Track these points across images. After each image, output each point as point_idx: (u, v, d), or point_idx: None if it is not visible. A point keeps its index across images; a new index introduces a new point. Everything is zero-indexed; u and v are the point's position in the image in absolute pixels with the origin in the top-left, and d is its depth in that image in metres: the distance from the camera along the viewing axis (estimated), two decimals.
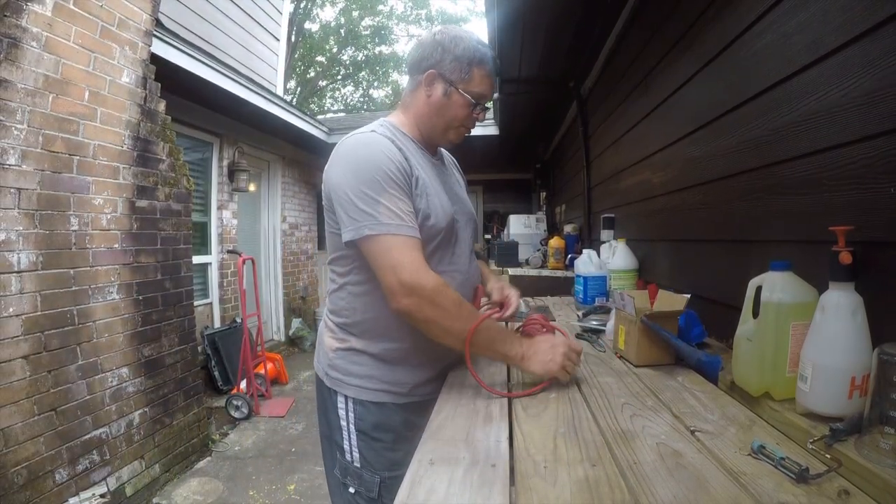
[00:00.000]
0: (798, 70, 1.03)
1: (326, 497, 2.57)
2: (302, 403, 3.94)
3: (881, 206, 0.81)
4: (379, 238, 0.95)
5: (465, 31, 1.11)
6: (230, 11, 5.04)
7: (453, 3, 22.45)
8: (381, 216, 0.95)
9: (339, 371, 1.12)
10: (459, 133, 1.14)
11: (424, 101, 1.10)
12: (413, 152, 1.08)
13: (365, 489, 1.08)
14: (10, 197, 1.93)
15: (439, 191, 1.09)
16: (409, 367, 1.10)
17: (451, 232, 1.10)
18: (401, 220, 0.96)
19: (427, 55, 1.08)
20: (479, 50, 1.07)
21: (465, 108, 1.09)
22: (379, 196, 0.96)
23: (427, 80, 1.08)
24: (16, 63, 1.92)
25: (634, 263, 2.03)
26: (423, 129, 1.14)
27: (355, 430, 1.10)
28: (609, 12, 2.45)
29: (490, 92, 1.12)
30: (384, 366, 1.09)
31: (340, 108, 16.98)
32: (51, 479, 2.03)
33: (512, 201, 7.40)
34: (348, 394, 1.10)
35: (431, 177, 1.10)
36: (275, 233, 5.52)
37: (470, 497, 0.60)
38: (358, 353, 1.10)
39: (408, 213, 0.98)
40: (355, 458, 1.10)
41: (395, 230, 0.95)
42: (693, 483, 0.61)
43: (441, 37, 1.08)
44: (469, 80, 1.07)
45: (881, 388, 0.62)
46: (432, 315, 0.95)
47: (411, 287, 0.93)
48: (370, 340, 1.09)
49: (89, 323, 2.26)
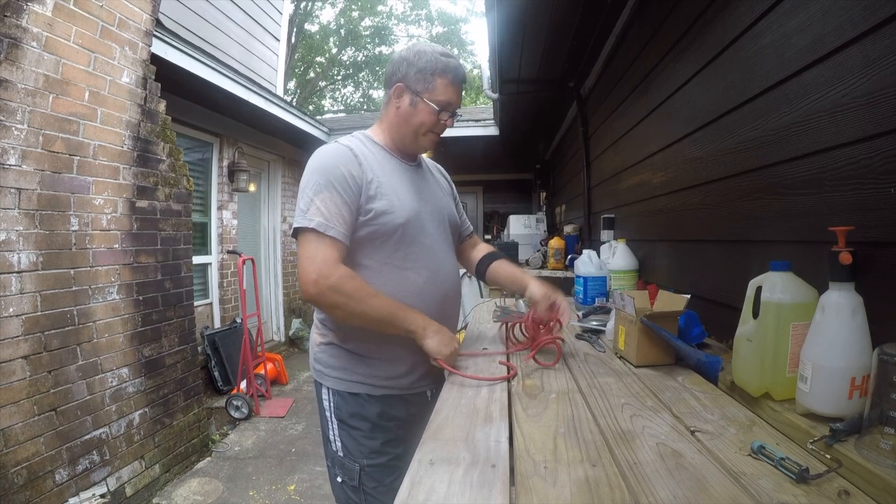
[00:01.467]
0: (798, 70, 1.03)
1: (326, 497, 2.59)
2: (302, 404, 3.94)
3: (881, 206, 0.81)
4: (303, 232, 1.07)
5: (430, 45, 1.21)
6: (230, 11, 5.05)
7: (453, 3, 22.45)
8: (310, 213, 1.06)
9: (321, 364, 1.22)
10: (430, 139, 1.22)
11: (395, 111, 1.20)
12: (378, 158, 1.19)
13: (348, 478, 1.17)
14: (11, 197, 1.93)
15: (401, 190, 1.18)
16: (381, 360, 1.18)
17: (414, 228, 1.16)
18: (326, 219, 1.06)
19: (395, 70, 1.18)
20: (440, 61, 1.16)
21: (430, 116, 1.18)
22: (315, 196, 1.07)
23: (396, 93, 1.19)
24: (16, 63, 1.93)
25: (634, 264, 2.03)
26: (394, 138, 1.24)
27: (336, 419, 1.19)
28: (609, 12, 2.45)
29: (456, 99, 1.20)
30: (358, 359, 1.18)
31: (340, 109, 16.99)
32: (51, 479, 2.03)
33: (512, 201, 7.40)
34: (329, 385, 1.20)
35: (396, 178, 1.19)
36: (275, 233, 5.53)
37: (470, 497, 0.60)
38: (335, 346, 1.20)
39: (337, 214, 1.07)
40: (338, 447, 1.19)
41: (316, 226, 1.05)
42: (693, 483, 0.61)
43: (406, 52, 1.19)
44: (433, 89, 1.16)
45: (881, 388, 0.62)
46: (336, 300, 1.05)
47: (317, 276, 1.03)
48: (344, 336, 1.19)
49: (89, 323, 2.26)
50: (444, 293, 1.23)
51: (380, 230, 1.12)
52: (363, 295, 1.06)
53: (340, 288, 1.04)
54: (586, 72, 3.23)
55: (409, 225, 1.15)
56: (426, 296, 1.18)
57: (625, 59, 2.43)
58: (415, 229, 1.16)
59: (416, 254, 1.17)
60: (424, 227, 1.19)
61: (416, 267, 1.17)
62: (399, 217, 1.13)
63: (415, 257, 1.17)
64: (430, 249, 1.20)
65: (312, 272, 1.04)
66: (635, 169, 2.26)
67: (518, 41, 2.98)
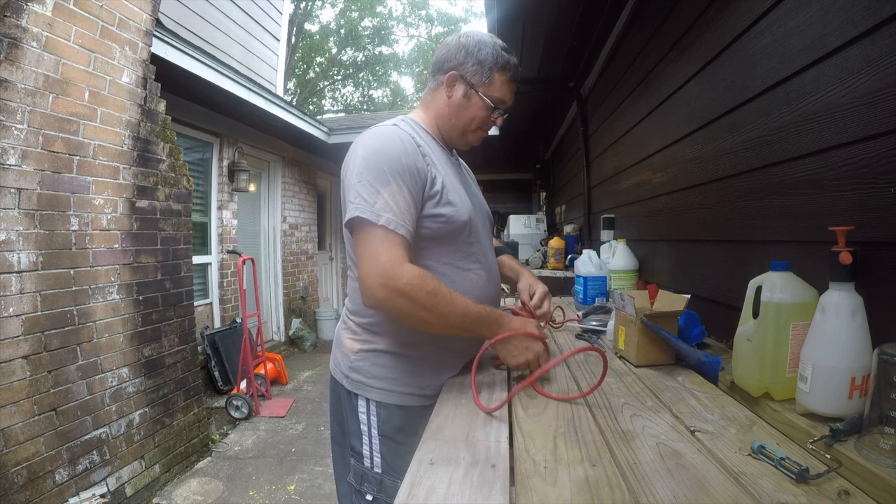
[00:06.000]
0: (798, 70, 1.03)
1: (326, 497, 2.59)
2: (302, 404, 3.94)
3: (881, 206, 0.81)
4: (368, 226, 0.95)
5: (490, 36, 1.12)
6: (230, 11, 5.05)
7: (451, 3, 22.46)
8: (378, 206, 0.94)
9: (361, 374, 1.09)
10: (477, 136, 1.16)
11: (445, 101, 1.12)
12: (433, 148, 1.10)
13: (385, 496, 1.05)
14: (10, 197, 1.93)
15: (458, 187, 1.10)
16: (433, 366, 1.09)
17: (473, 227, 1.10)
18: (395, 214, 0.95)
19: (450, 57, 1.10)
20: (502, 56, 1.09)
21: (483, 111, 1.11)
22: (382, 187, 0.95)
23: (449, 81, 1.11)
24: (16, 63, 1.92)
25: (634, 264, 2.03)
26: (442, 129, 1.16)
27: (378, 434, 1.07)
28: (609, 12, 2.45)
29: (510, 97, 1.14)
30: (408, 367, 1.08)
31: (340, 109, 17.00)
32: (51, 479, 2.03)
33: (512, 201, 7.41)
34: (371, 397, 1.08)
35: (450, 173, 1.10)
36: (275, 233, 5.52)
37: (470, 497, 0.60)
38: (382, 353, 1.08)
39: (406, 209, 0.97)
40: (376, 463, 1.07)
41: (384, 222, 0.94)
42: (693, 483, 0.61)
43: (466, 40, 1.10)
44: (490, 84, 1.09)
45: (881, 388, 0.62)
46: (405, 307, 0.93)
47: (384, 279, 0.92)
48: (395, 340, 1.08)
49: (89, 323, 2.26)
50: (497, 293, 1.19)
51: (444, 229, 1.04)
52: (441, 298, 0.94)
53: (409, 292, 0.92)
54: (586, 71, 3.23)
55: (471, 223, 1.08)
56: (487, 298, 1.12)
57: (625, 58, 2.43)
58: (475, 227, 1.11)
59: (476, 254, 1.11)
60: (478, 226, 1.13)
61: (476, 268, 1.11)
62: (463, 215, 1.05)
63: (475, 257, 1.11)
64: (485, 248, 1.15)
65: (377, 274, 0.92)
66: (635, 169, 2.26)
67: (518, 41, 2.98)
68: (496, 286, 1.18)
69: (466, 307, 0.97)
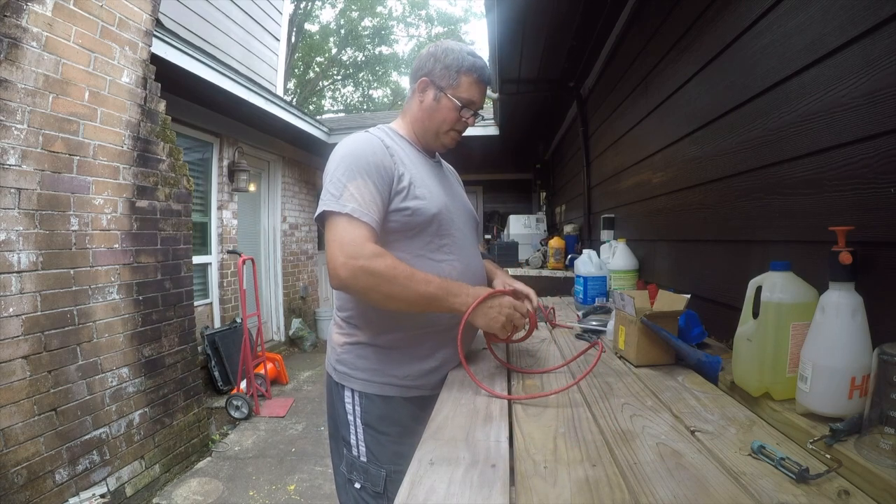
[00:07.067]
0: (798, 70, 1.03)
1: (326, 497, 2.59)
2: (302, 404, 3.94)
3: (881, 206, 0.81)
4: (334, 216, 1.02)
5: (459, 43, 1.21)
6: (230, 11, 5.05)
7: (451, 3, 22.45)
8: (343, 198, 1.02)
9: (346, 365, 1.16)
10: (450, 136, 1.23)
11: (418, 106, 1.21)
12: (405, 150, 1.18)
13: (371, 484, 1.12)
14: (10, 197, 1.93)
15: (430, 182, 1.16)
16: (408, 355, 1.14)
17: (446, 219, 1.15)
18: (359, 204, 1.02)
19: (422, 65, 1.20)
20: (467, 59, 1.17)
21: (453, 112, 1.18)
22: (348, 181, 1.03)
23: (420, 87, 1.20)
24: (16, 63, 1.92)
25: (634, 263, 2.03)
26: (417, 132, 1.24)
27: (362, 423, 1.14)
28: (609, 12, 2.45)
29: (479, 98, 1.21)
30: (389, 358, 1.14)
31: (340, 109, 17.00)
32: (51, 479, 2.03)
33: (512, 201, 7.39)
34: (354, 387, 1.15)
35: (423, 171, 1.17)
36: (275, 233, 5.53)
37: (470, 497, 0.60)
38: (364, 346, 1.15)
39: (370, 200, 1.03)
40: (361, 452, 1.14)
41: (349, 211, 1.01)
42: (693, 483, 0.61)
43: (434, 49, 1.20)
44: (457, 85, 1.17)
45: (881, 388, 0.62)
46: (368, 282, 0.98)
47: (346, 257, 0.97)
48: (375, 331, 1.14)
49: (89, 323, 2.26)
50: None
51: (412, 221, 1.10)
52: (401, 271, 0.99)
53: (371, 267, 0.97)
54: (586, 71, 3.23)
55: (441, 216, 1.13)
56: None
57: (625, 58, 2.43)
58: (447, 221, 1.15)
59: (449, 246, 1.16)
60: (454, 221, 1.18)
61: (449, 259, 1.15)
62: (432, 207, 1.11)
63: (448, 249, 1.16)
64: (462, 243, 1.19)
65: (341, 255, 0.98)
66: (635, 169, 2.26)
67: (518, 41, 2.98)
68: (474, 280, 1.20)
69: (428, 278, 1.02)
